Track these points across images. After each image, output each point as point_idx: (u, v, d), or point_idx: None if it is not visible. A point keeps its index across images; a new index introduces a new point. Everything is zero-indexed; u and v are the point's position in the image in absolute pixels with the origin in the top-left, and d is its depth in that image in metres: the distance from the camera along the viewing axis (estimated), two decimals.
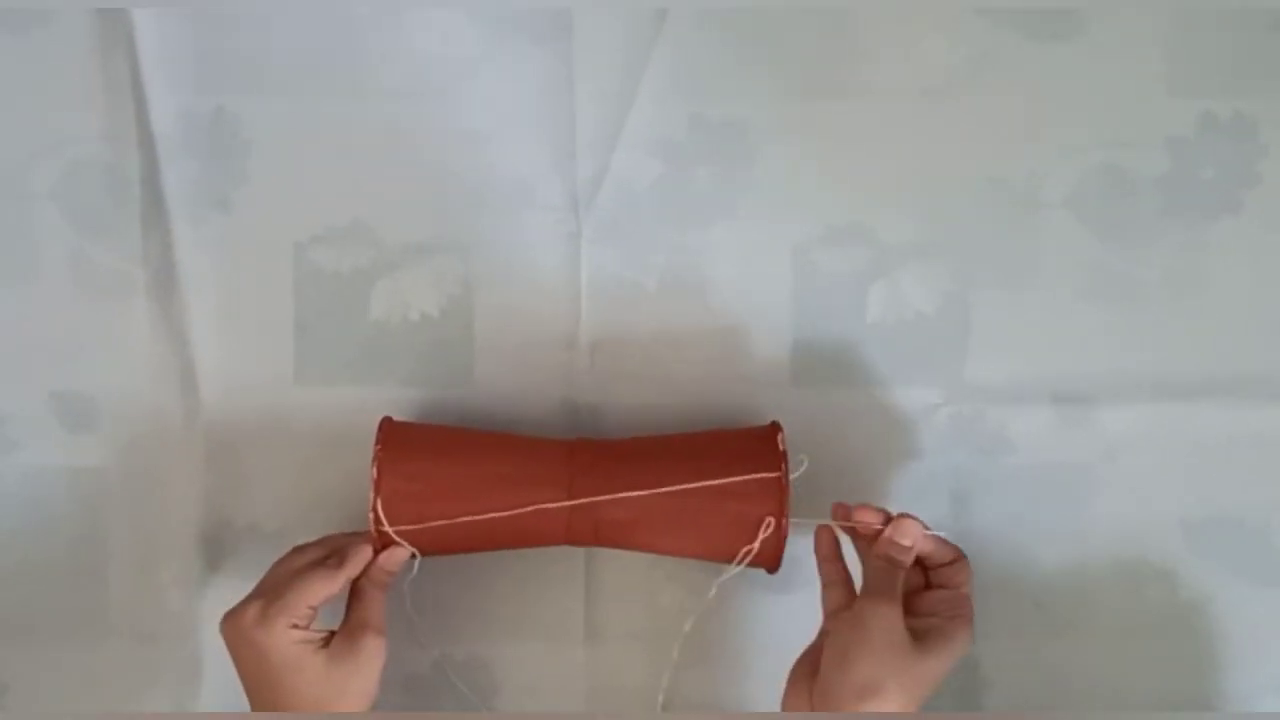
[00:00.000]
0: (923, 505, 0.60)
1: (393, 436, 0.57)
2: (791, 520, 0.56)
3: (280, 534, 0.63)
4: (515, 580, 0.63)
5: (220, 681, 0.63)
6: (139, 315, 0.62)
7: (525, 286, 0.62)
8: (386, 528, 0.56)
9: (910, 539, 0.54)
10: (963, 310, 0.62)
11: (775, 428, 0.58)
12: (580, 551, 0.63)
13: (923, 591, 0.57)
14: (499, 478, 0.56)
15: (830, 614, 0.57)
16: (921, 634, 0.53)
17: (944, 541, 0.56)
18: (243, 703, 0.55)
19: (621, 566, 0.63)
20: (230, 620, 0.54)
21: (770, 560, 0.57)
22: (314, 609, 0.55)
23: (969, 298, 0.62)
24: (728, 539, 0.57)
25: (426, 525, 0.56)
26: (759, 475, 0.56)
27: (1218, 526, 0.63)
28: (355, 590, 0.57)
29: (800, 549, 0.58)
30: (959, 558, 0.56)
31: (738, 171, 0.61)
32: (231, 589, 0.60)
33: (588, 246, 0.62)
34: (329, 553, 0.57)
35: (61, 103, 0.60)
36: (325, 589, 0.55)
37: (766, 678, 0.57)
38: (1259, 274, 0.61)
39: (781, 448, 0.57)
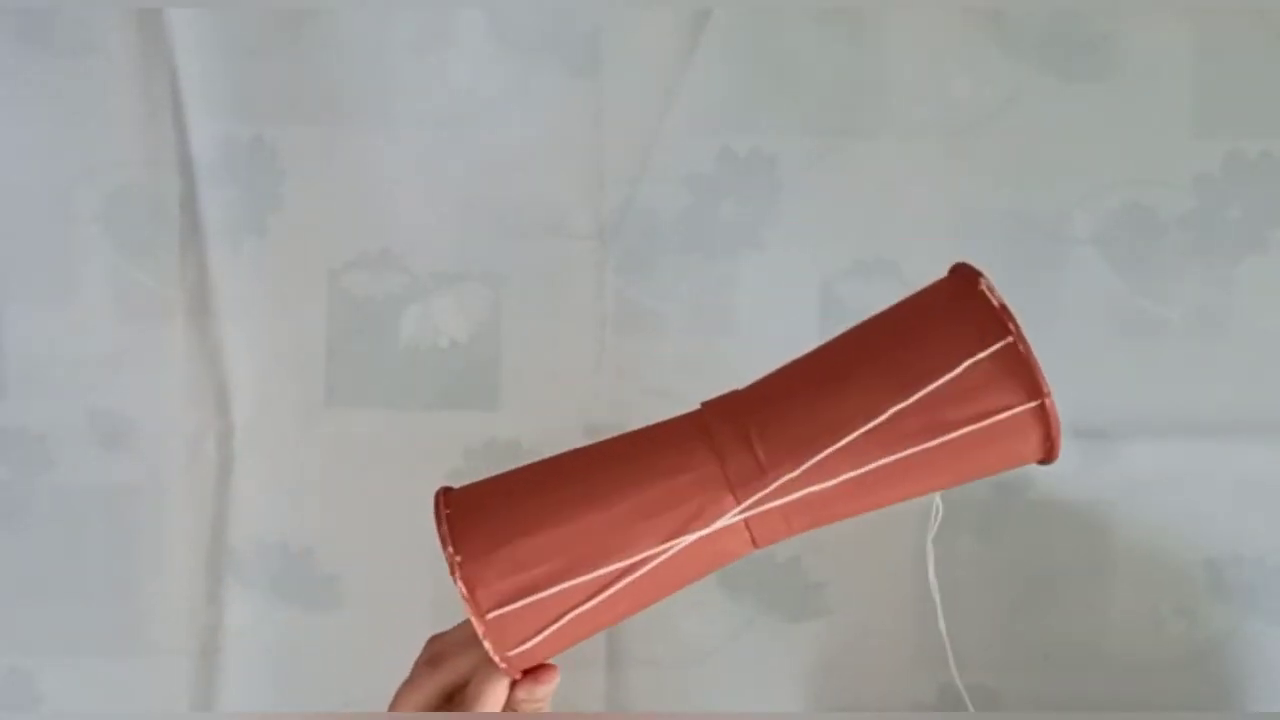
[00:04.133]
0: (944, 539, 0.60)
1: (463, 511, 0.41)
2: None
3: (309, 552, 0.64)
4: None
5: (243, 694, 0.64)
6: (176, 336, 0.63)
7: (552, 314, 0.63)
8: (508, 655, 0.40)
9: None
10: None
11: (968, 274, 0.42)
12: None
13: None
14: (630, 512, 0.40)
15: None
16: None
17: None
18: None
19: None
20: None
21: (1047, 447, 0.41)
22: None
23: None
24: (984, 449, 0.40)
25: (558, 624, 0.40)
26: (992, 349, 0.39)
27: (1239, 565, 0.63)
28: (477, 687, 0.42)
29: (824, 573, 0.58)
30: None
31: (765, 204, 0.62)
32: (260, 605, 0.61)
33: (614, 275, 0.62)
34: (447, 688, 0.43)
35: (105, 129, 0.62)
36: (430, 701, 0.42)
37: (789, 705, 0.57)
38: None
39: (994, 300, 0.41)
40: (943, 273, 0.62)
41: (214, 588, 0.64)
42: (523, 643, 0.40)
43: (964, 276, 0.42)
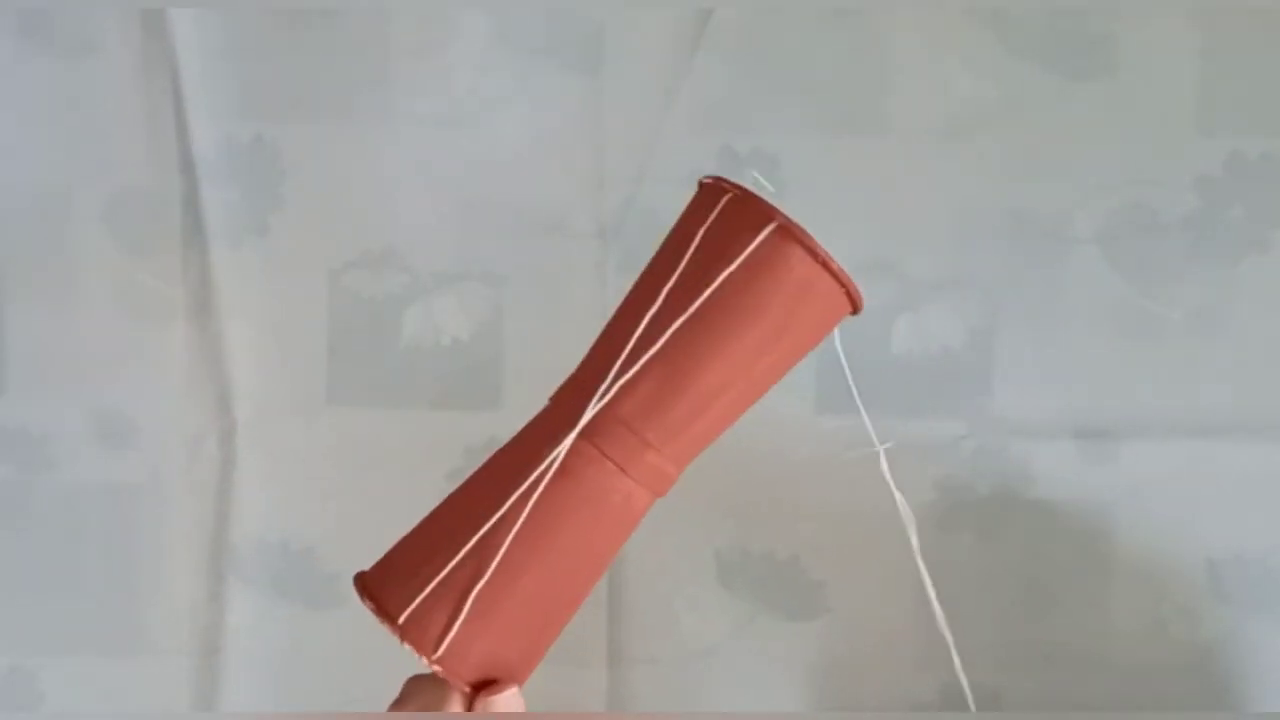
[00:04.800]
0: (946, 536, 0.60)
1: (376, 574, 0.43)
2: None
3: (309, 551, 0.64)
4: None
5: (244, 693, 0.64)
6: (177, 335, 0.63)
7: (553, 313, 0.63)
8: (437, 656, 0.41)
9: None
10: (988, 344, 0.62)
11: (713, 186, 0.44)
12: (604, 574, 0.64)
13: None
14: (487, 479, 0.43)
15: None
16: None
17: None
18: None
19: (643, 591, 0.64)
20: None
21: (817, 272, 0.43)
22: None
23: (995, 332, 0.62)
24: (763, 293, 0.42)
25: (467, 605, 0.41)
26: (718, 208, 0.43)
27: (1241, 565, 0.63)
28: None
29: (824, 572, 0.58)
30: None
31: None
32: (261, 604, 0.61)
33: (615, 275, 0.63)
34: None
35: (106, 129, 0.62)
36: None
37: (790, 703, 0.58)
38: None
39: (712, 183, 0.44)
40: (945, 269, 0.62)
41: (215, 587, 0.64)
42: (443, 636, 0.41)
43: (707, 191, 0.45)
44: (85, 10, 0.61)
